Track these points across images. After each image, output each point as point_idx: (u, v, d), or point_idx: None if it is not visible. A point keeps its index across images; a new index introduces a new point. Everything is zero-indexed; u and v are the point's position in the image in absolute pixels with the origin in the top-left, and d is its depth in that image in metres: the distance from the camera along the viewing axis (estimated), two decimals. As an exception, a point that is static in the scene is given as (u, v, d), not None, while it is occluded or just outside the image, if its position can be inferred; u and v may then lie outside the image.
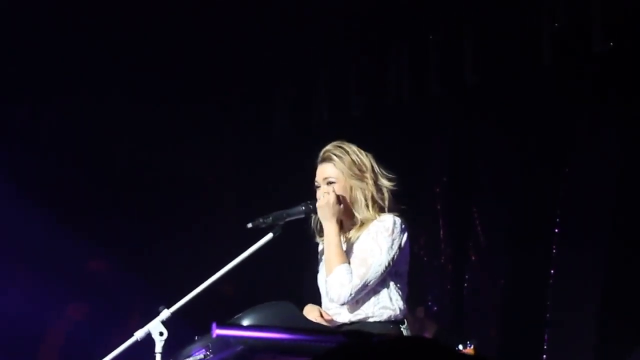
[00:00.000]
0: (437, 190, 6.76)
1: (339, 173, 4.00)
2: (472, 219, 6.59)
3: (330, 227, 3.95)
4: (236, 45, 7.34)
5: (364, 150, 4.10)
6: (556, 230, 6.20)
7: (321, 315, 3.93)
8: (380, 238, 3.93)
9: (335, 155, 4.01)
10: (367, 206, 3.98)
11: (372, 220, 3.97)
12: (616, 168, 6.09)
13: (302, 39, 7.24)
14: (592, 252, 6.03)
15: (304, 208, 4.00)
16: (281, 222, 3.93)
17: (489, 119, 6.61)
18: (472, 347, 4.84)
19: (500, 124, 6.55)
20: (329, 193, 3.95)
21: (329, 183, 4.00)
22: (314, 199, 4.04)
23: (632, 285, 5.75)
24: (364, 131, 6.68)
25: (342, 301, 3.88)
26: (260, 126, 7.63)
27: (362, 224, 3.99)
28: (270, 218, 3.92)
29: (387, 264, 3.91)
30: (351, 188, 3.98)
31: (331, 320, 3.95)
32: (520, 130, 6.45)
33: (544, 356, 6.08)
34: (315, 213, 4.03)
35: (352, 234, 4.01)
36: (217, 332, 3.27)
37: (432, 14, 6.75)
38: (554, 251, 6.17)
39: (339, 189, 3.98)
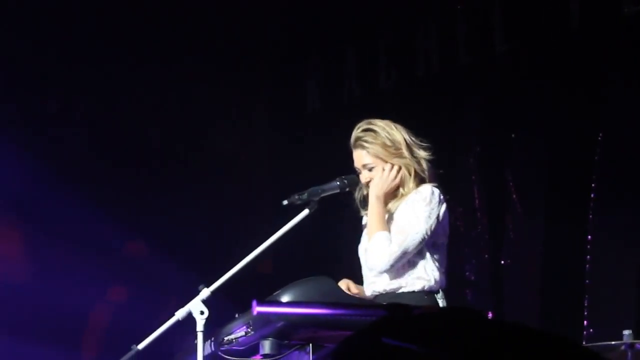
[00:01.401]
0: (471, 160, 6.73)
1: (375, 159, 4.02)
2: (508, 188, 6.56)
3: (377, 201, 4.00)
4: (264, 22, 7.34)
5: (395, 122, 4.10)
6: (592, 196, 6.15)
7: (348, 289, 3.96)
8: (418, 207, 3.96)
9: (366, 142, 4.03)
10: (411, 177, 4.01)
11: (411, 192, 3.99)
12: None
13: (330, 14, 7.23)
14: (629, 216, 5.98)
15: (338, 183, 4.03)
16: (316, 198, 3.95)
17: (520, 86, 6.55)
18: None
19: (531, 91, 6.49)
20: (389, 172, 4.01)
21: (370, 169, 4.02)
22: (348, 174, 4.06)
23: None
24: (396, 105, 6.65)
25: (380, 269, 3.92)
26: (292, 103, 7.64)
27: (402, 195, 4.02)
28: (306, 194, 3.94)
29: (424, 233, 3.93)
30: (397, 167, 4.00)
31: (358, 294, 3.97)
32: (552, 96, 6.39)
33: (585, 322, 6.05)
34: (350, 187, 4.05)
35: (391, 205, 4.03)
36: (258, 309, 3.28)
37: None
38: (591, 217, 6.13)
39: (378, 171, 4.01)
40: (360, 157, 4.04)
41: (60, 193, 6.67)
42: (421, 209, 3.95)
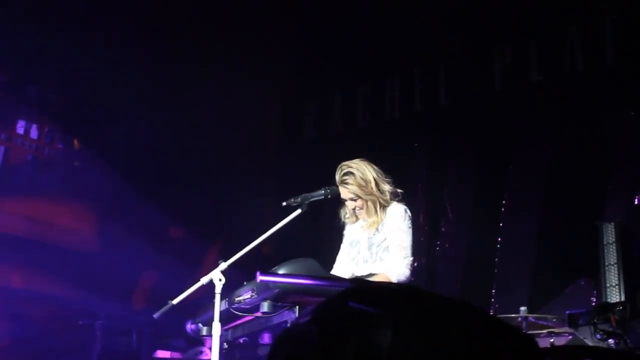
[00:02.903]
0: (420, 180, 6.75)
1: (355, 193, 4.00)
2: (444, 202, 6.58)
3: None
4: (274, 76, 7.32)
5: (367, 157, 4.09)
6: (502, 210, 6.18)
7: None
8: (401, 223, 3.96)
9: (347, 183, 4.02)
10: (377, 210, 4.00)
11: (382, 215, 3.97)
12: (546, 166, 6.07)
13: (323, 71, 7.26)
14: (527, 225, 6.04)
15: (323, 192, 4.00)
16: (307, 202, 3.91)
17: (457, 130, 6.61)
18: None
19: (464, 133, 6.55)
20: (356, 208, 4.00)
21: (354, 200, 4.03)
22: (330, 186, 4.04)
23: (555, 250, 5.75)
24: (368, 140, 6.72)
25: (406, 278, 3.88)
26: (288, 134, 7.68)
27: (373, 222, 4.02)
28: (299, 199, 3.91)
29: (411, 238, 3.95)
30: (366, 200, 4.00)
31: None
32: (478, 137, 6.45)
33: (492, 299, 6.06)
34: (331, 195, 4.03)
35: (371, 227, 4.03)
36: (260, 278, 3.27)
37: (416, 53, 6.78)
38: (501, 225, 6.15)
39: (360, 201, 4.01)
40: (344, 193, 4.06)
41: (122, 192, 6.65)
42: (402, 223, 3.97)
